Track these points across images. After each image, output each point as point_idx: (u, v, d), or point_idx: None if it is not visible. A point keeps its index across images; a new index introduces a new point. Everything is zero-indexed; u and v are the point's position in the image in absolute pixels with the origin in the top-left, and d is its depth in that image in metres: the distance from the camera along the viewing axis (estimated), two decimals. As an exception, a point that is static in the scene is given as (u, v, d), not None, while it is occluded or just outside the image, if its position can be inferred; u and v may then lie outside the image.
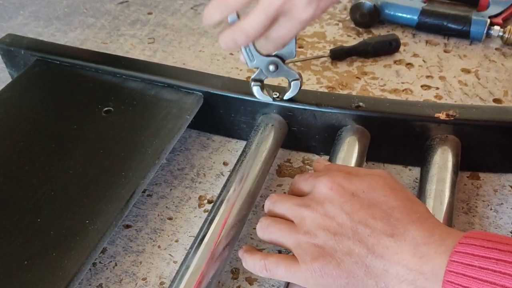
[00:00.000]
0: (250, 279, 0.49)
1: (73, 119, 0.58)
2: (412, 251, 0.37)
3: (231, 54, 0.77)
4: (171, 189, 0.58)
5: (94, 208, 0.49)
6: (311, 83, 0.71)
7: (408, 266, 0.37)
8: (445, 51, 0.75)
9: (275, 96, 0.56)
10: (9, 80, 0.69)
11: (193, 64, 0.75)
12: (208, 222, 0.48)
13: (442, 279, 0.35)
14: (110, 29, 0.84)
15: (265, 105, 0.57)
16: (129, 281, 0.50)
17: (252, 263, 0.45)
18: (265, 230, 0.45)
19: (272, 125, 0.57)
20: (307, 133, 0.58)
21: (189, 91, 0.60)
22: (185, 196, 0.57)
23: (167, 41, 0.80)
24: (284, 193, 0.57)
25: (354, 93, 0.69)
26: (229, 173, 0.58)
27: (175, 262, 0.51)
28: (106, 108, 0.59)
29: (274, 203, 0.46)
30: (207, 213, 0.54)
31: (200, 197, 0.57)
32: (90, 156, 0.54)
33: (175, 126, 0.56)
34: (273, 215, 0.46)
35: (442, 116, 0.53)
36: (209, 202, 0.56)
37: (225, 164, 0.60)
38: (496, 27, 0.74)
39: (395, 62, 0.74)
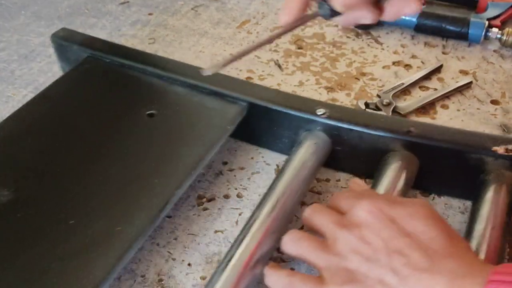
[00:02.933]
0: None
1: (115, 119, 0.59)
2: (447, 283, 0.37)
3: (231, 55, 0.77)
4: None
5: (126, 214, 0.49)
6: (310, 84, 0.73)
7: None
8: (444, 53, 0.79)
9: (319, 113, 0.57)
10: (60, 73, 0.72)
11: (194, 64, 0.75)
12: (239, 241, 0.48)
13: None
14: (111, 29, 0.85)
15: (310, 121, 0.57)
16: (128, 278, 0.51)
17: (276, 278, 0.45)
18: (295, 243, 0.45)
19: (315, 143, 0.57)
20: (351, 154, 0.58)
21: (233, 100, 0.60)
22: (184, 195, 0.59)
23: (167, 41, 0.82)
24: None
25: (352, 94, 0.72)
26: (228, 172, 0.60)
27: (173, 259, 0.53)
28: (149, 112, 0.59)
29: (313, 213, 0.46)
30: (206, 211, 0.57)
31: (199, 196, 0.59)
32: (127, 160, 0.54)
33: (215, 136, 0.56)
34: (309, 225, 0.46)
35: (500, 150, 0.52)
36: (208, 200, 0.58)
37: (224, 163, 0.62)
38: (495, 29, 0.78)
39: (393, 63, 0.77)
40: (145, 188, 0.51)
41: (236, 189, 0.59)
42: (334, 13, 0.48)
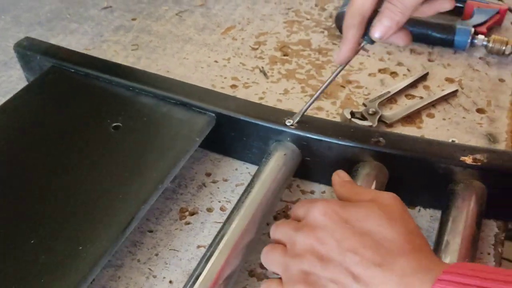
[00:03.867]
0: None
1: (80, 132, 0.58)
2: (398, 281, 0.38)
3: (216, 61, 0.79)
4: (152, 200, 0.58)
5: (89, 232, 0.48)
6: (296, 92, 0.73)
7: None
8: (429, 60, 0.79)
9: (288, 124, 0.57)
10: (25, 83, 0.72)
11: (177, 71, 0.77)
12: (206, 258, 0.48)
13: None
14: (93, 35, 0.85)
15: (279, 132, 0.57)
16: None
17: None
18: (264, 257, 0.47)
19: (285, 154, 0.57)
20: (321, 164, 0.58)
21: (201, 110, 0.60)
22: (166, 208, 0.58)
23: (151, 47, 0.82)
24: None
25: (338, 102, 0.71)
26: (211, 184, 0.60)
27: (154, 276, 0.52)
28: (115, 124, 0.59)
29: (275, 229, 0.48)
30: (188, 225, 0.56)
31: (181, 209, 0.58)
32: (92, 175, 0.53)
33: (183, 148, 0.56)
34: (274, 241, 0.48)
35: (468, 160, 0.53)
36: (191, 214, 0.58)
37: (207, 175, 0.62)
38: (480, 36, 0.78)
39: (379, 70, 0.77)
40: (110, 204, 0.50)
41: (219, 202, 0.59)
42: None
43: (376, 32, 0.50)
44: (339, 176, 0.51)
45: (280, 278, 0.45)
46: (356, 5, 0.49)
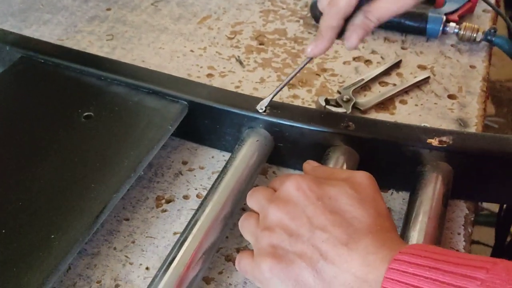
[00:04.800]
0: (207, 279, 0.52)
1: (51, 123, 0.58)
2: (362, 259, 0.39)
3: (192, 51, 0.79)
4: (127, 189, 0.57)
5: (61, 222, 0.48)
6: (272, 80, 0.74)
7: (356, 274, 0.39)
8: (403, 48, 0.80)
9: (261, 110, 0.57)
10: None
11: (153, 61, 0.77)
12: (180, 243, 0.48)
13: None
14: (66, 26, 0.85)
15: (251, 118, 0.58)
16: (83, 284, 0.51)
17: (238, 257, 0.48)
18: (240, 225, 0.48)
19: (257, 140, 0.57)
20: (294, 150, 0.59)
21: (174, 99, 0.60)
22: (143, 196, 0.59)
23: (126, 38, 0.82)
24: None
25: (313, 90, 0.72)
26: (188, 172, 0.60)
27: (131, 263, 0.53)
28: (86, 113, 0.59)
29: (250, 196, 0.49)
30: (164, 213, 0.57)
31: (157, 197, 0.59)
32: (64, 165, 0.53)
33: (156, 136, 0.56)
34: (249, 206, 0.49)
35: (434, 142, 0.54)
36: (167, 201, 0.58)
37: (184, 163, 0.62)
38: (452, 24, 0.79)
39: (354, 59, 0.78)
40: (82, 193, 0.50)
41: (196, 189, 0.59)
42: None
43: (352, 43, 0.52)
44: (309, 164, 0.52)
45: (252, 250, 0.46)
46: (340, 7, 0.50)
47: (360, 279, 0.39)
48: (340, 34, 0.52)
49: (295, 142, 0.58)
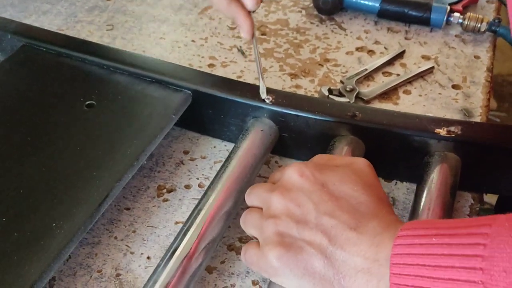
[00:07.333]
0: (210, 268, 0.52)
1: (53, 111, 0.57)
2: (370, 241, 0.39)
3: (193, 41, 0.78)
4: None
5: (63, 210, 0.47)
6: (274, 70, 0.73)
7: (365, 256, 0.39)
8: (406, 38, 0.79)
9: (267, 100, 0.56)
10: None
11: (154, 51, 0.76)
12: (183, 233, 0.48)
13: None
14: (66, 16, 0.84)
15: (256, 108, 0.57)
16: (83, 273, 0.51)
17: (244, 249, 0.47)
18: (242, 221, 0.47)
19: (262, 130, 0.56)
20: (298, 140, 0.58)
21: (177, 88, 0.59)
22: (143, 186, 0.58)
23: (126, 28, 0.81)
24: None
25: (316, 80, 0.71)
26: (189, 162, 0.59)
27: (132, 253, 0.52)
28: (88, 102, 0.58)
29: (249, 194, 0.48)
30: (166, 202, 0.56)
31: (159, 187, 0.58)
32: (66, 153, 0.52)
33: (159, 126, 0.55)
34: (250, 205, 0.48)
35: (442, 132, 0.53)
36: (168, 191, 0.58)
37: (185, 152, 0.62)
38: (456, 14, 0.78)
39: (357, 49, 0.77)
40: (84, 181, 0.50)
41: (197, 179, 0.59)
42: None
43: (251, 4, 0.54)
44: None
45: (258, 241, 0.45)
46: None
47: (370, 259, 0.39)
48: None
49: (300, 132, 0.57)
